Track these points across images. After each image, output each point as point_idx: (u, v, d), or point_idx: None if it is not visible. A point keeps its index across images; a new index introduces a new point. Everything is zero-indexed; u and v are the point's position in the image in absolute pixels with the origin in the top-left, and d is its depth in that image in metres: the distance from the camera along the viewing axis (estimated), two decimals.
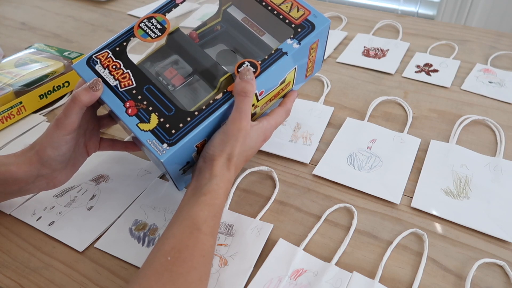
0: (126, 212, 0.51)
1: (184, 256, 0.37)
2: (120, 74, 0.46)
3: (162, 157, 0.41)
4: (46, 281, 0.44)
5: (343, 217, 0.50)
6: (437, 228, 0.48)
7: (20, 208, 0.51)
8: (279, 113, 0.50)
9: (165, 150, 0.42)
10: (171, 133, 0.42)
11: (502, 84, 0.72)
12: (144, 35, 0.48)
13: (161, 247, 0.38)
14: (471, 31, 0.90)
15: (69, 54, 0.75)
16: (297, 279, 0.43)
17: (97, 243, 0.47)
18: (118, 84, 0.45)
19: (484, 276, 0.43)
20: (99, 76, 0.46)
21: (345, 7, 1.04)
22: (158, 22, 0.49)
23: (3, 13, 1.08)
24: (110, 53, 0.47)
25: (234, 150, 0.43)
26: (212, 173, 0.42)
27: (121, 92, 0.45)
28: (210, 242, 0.40)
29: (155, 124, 0.43)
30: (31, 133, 0.64)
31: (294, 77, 0.51)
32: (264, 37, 0.52)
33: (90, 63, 0.47)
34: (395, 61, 0.79)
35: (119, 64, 0.46)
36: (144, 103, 0.44)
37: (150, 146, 0.42)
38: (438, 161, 0.56)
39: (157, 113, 0.43)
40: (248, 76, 0.43)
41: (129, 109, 0.44)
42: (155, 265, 0.36)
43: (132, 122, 0.43)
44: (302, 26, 0.48)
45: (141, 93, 0.45)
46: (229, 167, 0.43)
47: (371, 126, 0.63)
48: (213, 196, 0.41)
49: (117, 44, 0.48)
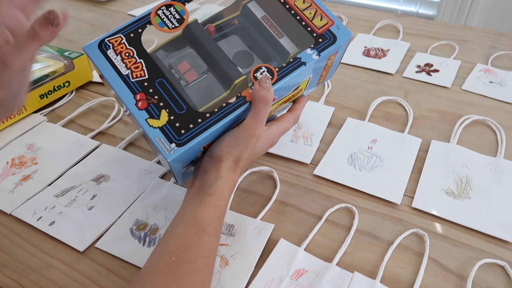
0: (127, 212, 0.50)
1: (188, 257, 0.37)
2: (133, 63, 0.44)
3: (169, 157, 0.41)
4: (47, 281, 0.44)
5: (344, 217, 0.50)
6: (438, 228, 0.48)
7: (21, 208, 0.51)
8: (288, 119, 0.50)
9: (173, 150, 0.41)
10: (181, 133, 0.41)
11: (503, 84, 0.72)
12: (161, 23, 0.46)
13: (165, 247, 0.38)
14: (471, 31, 0.90)
15: (69, 54, 0.75)
16: (298, 279, 0.43)
17: (98, 243, 0.47)
18: (130, 73, 0.44)
19: (485, 276, 0.43)
20: (110, 62, 0.44)
21: (345, 7, 1.04)
22: (176, 12, 0.47)
23: None
24: (123, 38, 0.45)
25: (242, 154, 0.43)
26: (218, 174, 0.42)
27: (132, 82, 0.43)
28: (214, 243, 0.40)
29: (165, 121, 0.42)
30: (31, 133, 0.64)
31: (307, 84, 0.51)
32: (282, 39, 0.50)
33: (102, 47, 0.45)
34: (396, 61, 0.79)
35: (132, 52, 0.45)
36: (155, 98, 0.43)
37: (158, 144, 0.41)
38: (439, 161, 0.56)
39: (167, 110, 0.42)
40: (267, 84, 0.43)
41: (139, 102, 0.43)
42: (160, 265, 0.36)
43: (141, 116, 0.42)
44: (324, 36, 0.46)
45: (153, 86, 0.43)
46: (235, 169, 0.43)
47: (372, 126, 0.63)
48: (218, 197, 0.41)
49: (132, 30, 0.46)
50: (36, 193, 0.53)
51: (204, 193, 0.41)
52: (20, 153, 0.60)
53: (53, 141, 0.62)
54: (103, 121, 0.67)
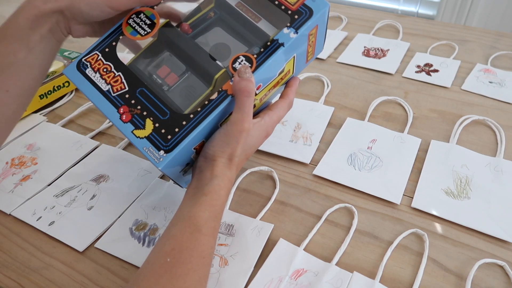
0: (126, 212, 0.51)
1: (183, 258, 0.37)
2: (112, 77, 0.44)
3: (160, 165, 0.41)
4: (46, 281, 0.44)
5: (344, 217, 0.50)
6: (438, 228, 0.48)
7: (20, 208, 0.51)
8: (281, 107, 0.48)
9: (162, 158, 0.41)
10: (167, 139, 0.41)
11: (503, 84, 0.72)
12: (133, 32, 0.46)
13: (162, 248, 0.38)
14: (471, 31, 0.90)
15: (69, 54, 0.75)
16: (297, 279, 0.43)
17: (97, 243, 0.47)
18: (110, 88, 0.44)
19: (484, 276, 0.43)
20: (90, 81, 0.44)
21: (345, 7, 1.03)
22: (146, 17, 0.46)
23: (3, 13, 1.07)
24: (99, 55, 0.45)
25: (235, 151, 0.42)
26: (213, 173, 0.42)
27: (113, 97, 0.43)
28: (210, 243, 0.39)
29: (150, 130, 0.42)
30: (31, 133, 0.64)
31: (294, 65, 0.49)
32: (260, 23, 0.48)
33: (81, 67, 0.45)
34: (396, 61, 0.79)
35: (109, 66, 0.45)
36: (138, 108, 0.43)
37: (147, 153, 0.41)
38: (439, 161, 0.56)
39: (151, 118, 0.42)
40: (247, 74, 0.42)
41: (123, 115, 0.42)
42: (155, 267, 0.36)
43: (127, 129, 0.42)
44: (299, 12, 0.45)
45: (134, 97, 0.43)
46: (230, 167, 0.43)
47: (372, 126, 0.63)
48: (214, 196, 0.41)
49: (107, 45, 0.46)
50: (35, 193, 0.53)
51: (199, 193, 0.41)
52: (19, 153, 0.60)
53: (53, 141, 0.62)
54: (102, 121, 0.67)
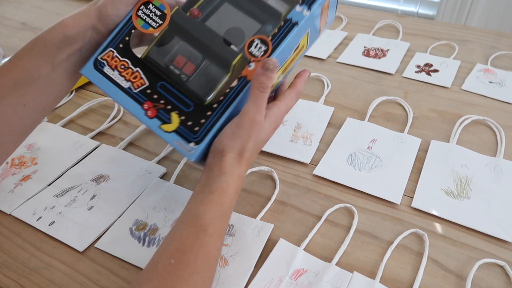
0: (126, 212, 0.50)
1: (187, 259, 0.36)
2: (130, 74, 0.44)
3: (192, 157, 0.41)
4: (47, 281, 0.44)
5: (344, 217, 0.50)
6: (438, 228, 0.48)
7: (20, 208, 0.51)
8: (290, 96, 0.46)
9: (193, 149, 0.41)
10: (195, 130, 0.41)
11: (503, 84, 0.72)
12: (145, 25, 0.45)
13: (166, 248, 0.37)
14: (471, 31, 0.90)
15: None
16: (297, 279, 0.43)
17: (98, 243, 0.47)
18: (131, 85, 0.44)
19: (484, 276, 0.43)
20: (109, 79, 0.44)
21: (345, 7, 1.03)
22: (156, 8, 0.45)
23: (3, 13, 1.08)
24: (114, 51, 0.45)
25: (246, 144, 0.41)
26: (222, 170, 0.40)
27: (135, 93, 0.43)
28: (216, 244, 0.38)
29: (177, 123, 0.42)
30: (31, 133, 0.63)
31: (308, 39, 0.48)
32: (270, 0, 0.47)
33: (98, 66, 0.45)
34: (395, 61, 0.79)
35: (126, 63, 0.44)
36: (162, 102, 0.43)
37: (177, 147, 0.41)
38: (439, 161, 0.56)
39: (177, 111, 0.42)
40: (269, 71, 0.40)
41: (148, 111, 0.43)
42: (159, 268, 0.36)
43: (154, 125, 0.42)
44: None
45: (156, 91, 0.43)
46: (240, 162, 0.41)
47: (372, 126, 0.63)
48: (221, 194, 0.39)
49: (120, 40, 0.45)
50: (35, 193, 0.53)
51: (207, 191, 0.40)
52: (19, 153, 0.60)
53: (53, 141, 0.62)
54: (102, 121, 0.67)
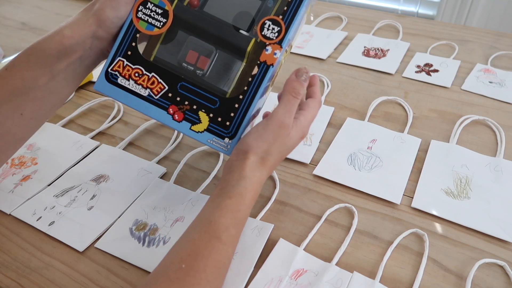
0: (126, 212, 0.50)
1: (198, 266, 0.35)
2: (147, 80, 0.43)
3: (229, 152, 0.41)
4: (46, 281, 0.44)
5: (344, 217, 0.50)
6: (438, 228, 0.48)
7: (20, 208, 0.51)
8: (314, 106, 0.46)
9: (229, 145, 0.41)
10: (226, 125, 0.41)
11: (503, 84, 0.72)
12: (149, 27, 0.43)
13: (179, 251, 0.37)
14: (471, 31, 0.90)
15: None
16: (297, 279, 0.43)
17: (98, 243, 0.47)
18: (150, 92, 0.43)
19: (484, 276, 0.43)
20: (127, 90, 0.43)
21: (345, 7, 1.04)
22: (155, 6, 0.43)
23: (3, 13, 1.08)
24: (124, 60, 0.43)
25: (271, 148, 0.40)
26: (242, 174, 0.39)
27: (157, 100, 0.42)
28: (228, 252, 0.38)
29: (207, 122, 0.41)
30: None
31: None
32: None
33: (111, 79, 0.43)
34: (395, 61, 0.79)
35: (140, 70, 0.43)
36: (186, 104, 0.42)
37: (212, 145, 0.41)
38: (439, 161, 0.56)
39: (203, 110, 0.42)
40: (303, 77, 0.41)
41: (175, 115, 0.42)
42: (169, 271, 0.35)
43: (185, 128, 0.42)
44: None
45: (178, 93, 0.42)
46: (262, 166, 0.40)
47: (372, 126, 0.63)
48: (239, 200, 0.38)
49: (126, 47, 0.43)
50: (35, 193, 0.53)
51: (224, 195, 0.39)
52: (19, 153, 0.60)
53: (53, 141, 0.62)
54: (103, 121, 0.67)
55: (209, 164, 0.57)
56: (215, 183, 0.55)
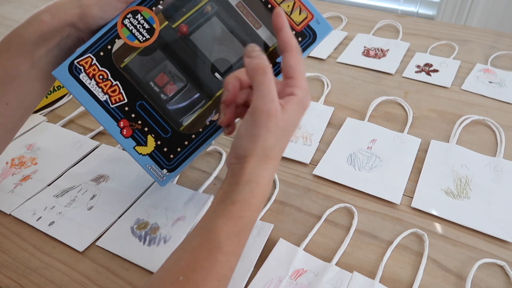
0: (128, 211, 0.51)
1: (196, 279, 0.33)
2: (109, 86, 0.42)
3: (163, 183, 0.41)
4: (46, 281, 0.44)
5: (344, 217, 0.50)
6: (438, 228, 0.48)
7: (20, 208, 0.51)
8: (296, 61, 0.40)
9: (165, 176, 0.41)
10: (170, 158, 0.41)
11: (502, 84, 0.72)
12: (130, 36, 0.42)
13: (177, 261, 0.35)
14: (471, 31, 0.90)
15: None
16: (297, 279, 0.43)
17: (99, 241, 0.47)
18: (108, 99, 0.42)
19: (484, 276, 0.43)
20: (86, 88, 0.42)
21: (345, 7, 1.04)
22: (145, 20, 0.43)
23: (3, 13, 1.08)
24: (94, 58, 0.42)
25: (267, 141, 0.36)
26: (245, 177, 0.36)
27: (112, 108, 0.42)
28: (231, 263, 0.35)
29: (152, 147, 0.41)
30: (31, 133, 0.64)
31: None
32: (260, 30, 0.46)
33: (73, 71, 0.42)
34: (395, 61, 0.79)
35: (106, 74, 0.42)
36: (139, 123, 0.41)
37: (149, 171, 0.41)
38: (439, 161, 0.56)
39: (153, 135, 0.41)
40: (256, 52, 0.37)
41: (124, 130, 0.42)
42: (166, 283, 0.33)
43: (129, 145, 0.42)
44: (303, 34, 0.43)
45: (134, 110, 0.42)
46: (266, 164, 0.36)
47: (371, 126, 0.63)
48: (243, 206, 0.35)
49: (101, 47, 0.42)
50: (35, 193, 0.53)
51: (227, 201, 0.36)
52: (19, 153, 0.60)
53: (53, 141, 0.62)
54: None
55: (209, 165, 0.57)
56: (216, 183, 0.55)
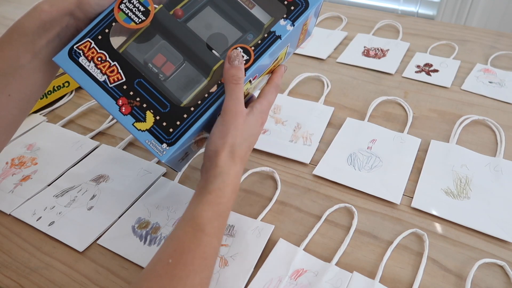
0: (129, 210, 0.51)
1: (185, 259, 0.36)
2: (107, 67, 0.43)
3: (163, 158, 0.41)
4: (46, 281, 0.44)
5: (343, 217, 0.50)
6: (437, 228, 0.48)
7: (20, 208, 0.51)
8: (270, 91, 0.47)
9: (165, 151, 0.41)
10: (169, 132, 0.41)
11: (502, 84, 0.72)
12: (126, 19, 0.44)
13: (165, 248, 0.38)
14: (471, 31, 0.90)
15: None
16: (297, 279, 0.43)
17: (100, 240, 0.47)
18: (106, 79, 0.43)
19: (484, 276, 0.43)
20: (85, 71, 0.43)
21: (345, 7, 1.04)
22: (140, 3, 0.45)
23: (3, 13, 1.08)
24: (92, 42, 0.44)
25: (235, 139, 0.41)
26: (217, 170, 0.41)
27: (111, 88, 0.43)
28: (214, 244, 0.39)
29: (151, 122, 0.42)
30: (31, 133, 0.64)
31: (286, 52, 0.50)
32: (254, 9, 0.48)
33: (73, 55, 0.44)
34: (395, 61, 0.79)
35: (104, 55, 0.44)
36: (137, 100, 0.42)
37: (149, 146, 0.41)
38: (438, 161, 0.56)
39: (152, 111, 0.42)
40: (237, 61, 0.42)
41: (122, 107, 0.42)
42: (157, 268, 0.36)
43: (128, 122, 0.42)
44: (295, 3, 0.44)
45: (132, 88, 0.43)
46: (234, 160, 0.42)
47: (371, 126, 0.63)
48: (218, 194, 0.40)
49: (99, 31, 0.44)
50: (35, 193, 0.53)
51: (204, 192, 0.40)
52: (19, 153, 0.60)
53: (53, 141, 0.62)
54: (102, 121, 0.67)
55: None
56: None
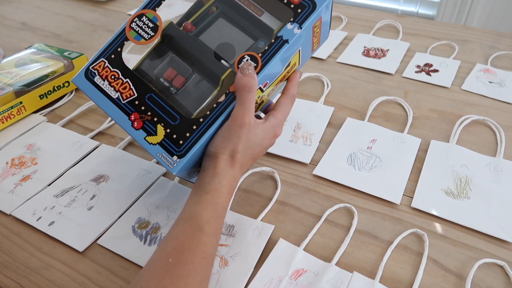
0: (129, 210, 0.51)
1: (185, 258, 0.36)
2: (120, 84, 0.45)
3: (174, 170, 0.41)
4: (46, 281, 0.44)
5: (344, 217, 0.50)
6: (438, 228, 0.48)
7: (20, 208, 0.51)
8: (286, 103, 0.47)
9: (176, 163, 0.41)
10: (179, 144, 0.42)
11: (502, 84, 0.72)
12: (137, 37, 0.46)
13: (164, 248, 0.38)
14: (471, 31, 0.90)
15: (69, 54, 0.75)
16: (297, 279, 0.43)
17: (100, 240, 0.47)
18: (119, 96, 0.44)
19: (484, 276, 0.43)
20: (100, 90, 0.45)
21: (345, 7, 1.04)
22: (149, 20, 0.47)
23: (3, 13, 1.08)
24: (106, 62, 0.46)
25: (237, 146, 0.42)
26: (215, 171, 0.41)
27: (123, 104, 0.44)
28: (213, 243, 0.39)
29: (162, 135, 0.42)
30: (31, 133, 0.64)
31: (300, 57, 0.49)
32: (263, 16, 0.48)
33: (89, 75, 0.46)
34: (395, 61, 0.79)
35: (117, 73, 0.45)
36: (149, 114, 0.43)
37: (160, 159, 0.42)
38: (439, 161, 0.56)
39: (162, 124, 0.43)
40: (250, 70, 0.42)
41: (134, 122, 0.43)
42: (157, 267, 0.36)
43: (139, 136, 0.43)
44: (302, 5, 0.44)
45: (144, 103, 0.44)
46: (232, 164, 0.42)
47: (371, 126, 0.63)
48: (215, 194, 0.40)
49: (112, 51, 0.46)
50: (35, 193, 0.53)
51: (202, 192, 0.41)
52: (19, 153, 0.60)
53: (53, 141, 0.62)
54: (102, 121, 0.67)
55: None
56: None
